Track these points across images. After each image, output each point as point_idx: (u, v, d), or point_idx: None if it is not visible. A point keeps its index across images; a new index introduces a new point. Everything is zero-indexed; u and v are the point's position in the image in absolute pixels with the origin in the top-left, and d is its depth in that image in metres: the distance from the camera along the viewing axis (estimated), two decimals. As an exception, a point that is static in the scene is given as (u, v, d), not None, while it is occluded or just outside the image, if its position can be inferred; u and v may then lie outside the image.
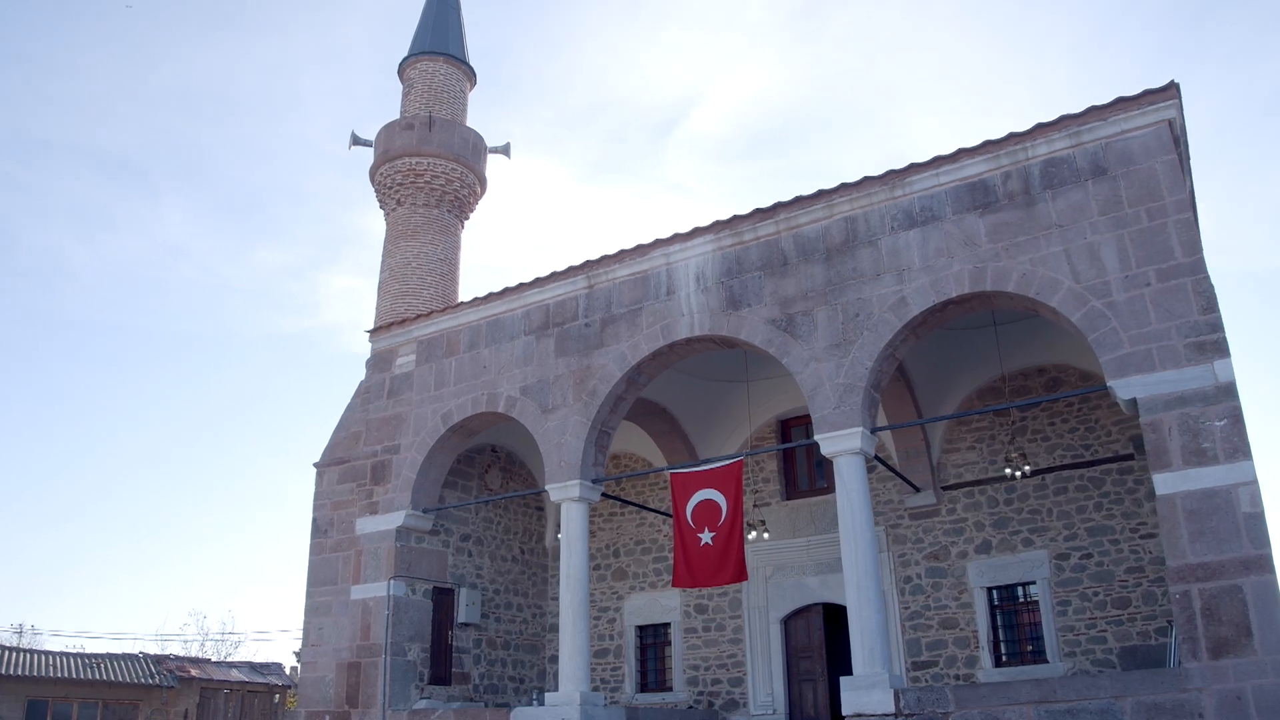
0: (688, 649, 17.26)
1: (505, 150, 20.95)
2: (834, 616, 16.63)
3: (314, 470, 17.57)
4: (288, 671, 24.84)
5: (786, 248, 13.58)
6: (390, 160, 19.53)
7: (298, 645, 38.38)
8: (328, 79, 78.11)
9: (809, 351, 12.84)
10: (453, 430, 16.04)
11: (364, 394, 17.64)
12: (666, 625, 17.65)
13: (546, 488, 14.47)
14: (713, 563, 13.01)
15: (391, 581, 15.57)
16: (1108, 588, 14.03)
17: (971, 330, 15.26)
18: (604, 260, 15.11)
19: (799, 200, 13.59)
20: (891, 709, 10.95)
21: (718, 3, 71.86)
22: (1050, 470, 14.67)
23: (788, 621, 16.46)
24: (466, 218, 20.24)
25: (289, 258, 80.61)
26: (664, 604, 17.72)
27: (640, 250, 14.76)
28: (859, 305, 12.72)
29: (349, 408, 18.11)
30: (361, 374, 17.70)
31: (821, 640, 16.04)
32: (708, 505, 13.32)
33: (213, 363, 79.89)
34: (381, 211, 20.20)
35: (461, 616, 16.73)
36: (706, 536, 13.14)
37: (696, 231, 14.35)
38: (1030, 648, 14.40)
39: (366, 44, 72.99)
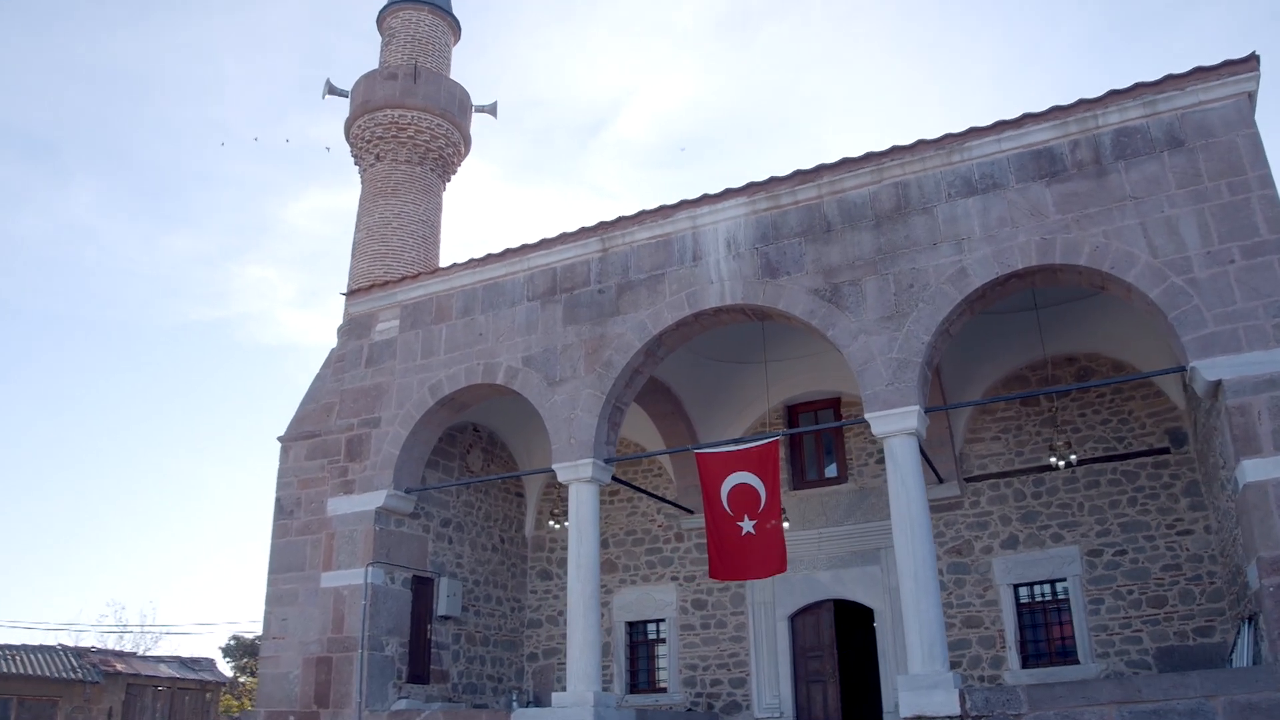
0: (684, 647, 16.11)
1: (492, 110, 19.53)
2: (845, 614, 15.75)
3: (278, 445, 15.87)
4: (220, 667, 22.90)
5: (830, 213, 12.61)
6: (370, 111, 17.92)
7: (224, 641, 35.98)
8: (250, 64, 74.68)
9: (857, 324, 11.88)
10: (442, 403, 14.59)
11: (337, 362, 16.00)
12: (660, 622, 16.46)
13: (554, 466, 13.18)
14: (755, 553, 11.94)
15: (370, 568, 14.02)
16: (1143, 586, 13.43)
17: (999, 315, 14.54)
18: (620, 222, 13.92)
19: (845, 163, 12.65)
20: (956, 710, 10.02)
21: (646, 8, 71.20)
22: (1086, 462, 14.01)
23: (795, 619, 15.46)
24: (449, 178, 18.75)
25: (201, 245, 76.66)
26: (658, 599, 16.53)
27: (663, 212, 13.61)
28: (913, 276, 11.82)
29: (318, 377, 16.45)
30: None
31: (832, 639, 15.09)
32: (744, 490, 12.22)
33: (118, 349, 75.43)
34: (357, 168, 18.55)
35: (441, 609, 15.24)
36: (748, 525, 12.03)
37: (728, 193, 13.28)
38: (1059, 648, 13.70)
39: (290, 30, 70.03)
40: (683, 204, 13.51)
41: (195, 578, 63.53)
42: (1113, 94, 11.58)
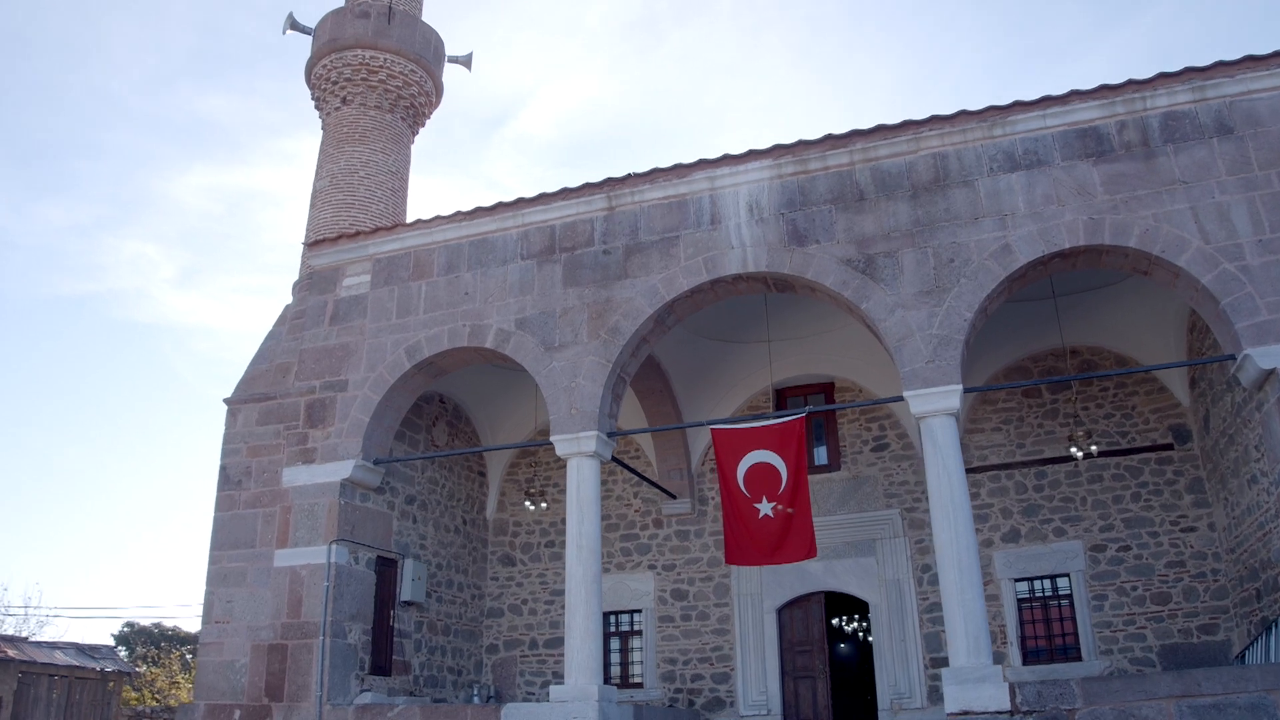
0: (662, 640, 15.18)
1: (467, 62, 18.18)
2: (835, 607, 15.13)
3: (224, 407, 14.20)
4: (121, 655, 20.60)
5: (862, 181, 11.93)
6: (338, 50, 16.36)
7: (116, 627, 32.95)
8: (137, 30, 69.98)
9: (894, 298, 11.22)
10: (419, 367, 13.26)
11: (294, 319, 14.47)
12: (636, 612, 15.48)
13: (553, 439, 12.07)
14: (774, 538, 11.11)
15: (334, 546, 12.60)
16: (1147, 582, 13.24)
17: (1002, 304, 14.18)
18: (629, 179, 12.92)
19: (880, 130, 11.99)
20: (1006, 705, 9.43)
21: (554, 6, 70.07)
22: (1089, 456, 13.70)
23: (783, 611, 14.73)
24: (419, 129, 17.34)
25: (76, 215, 71.45)
26: (634, 588, 15.55)
27: (679, 171, 12.68)
28: (954, 250, 11.25)
29: (271, 335, 14.83)
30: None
31: (822, 633, 14.43)
32: (763, 470, 11.38)
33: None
34: (318, 113, 16.95)
35: (406, 594, 13.89)
36: (766, 508, 11.20)
37: (751, 154, 12.45)
38: (1060, 645, 13.39)
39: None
40: (700, 163, 12.62)
41: (85, 561, 58.89)
42: (1162, 77, 11.27)
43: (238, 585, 12.96)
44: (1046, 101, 11.53)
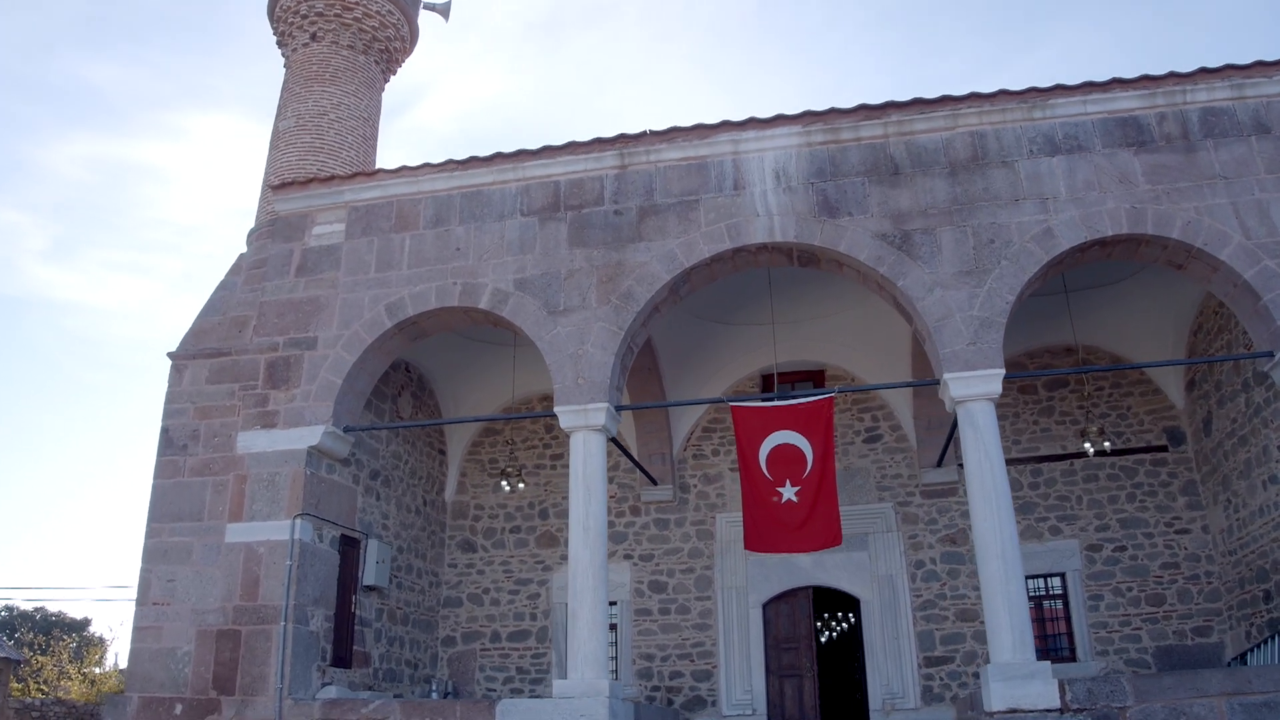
0: (639, 634, 14.28)
1: (444, 10, 16.90)
2: (824, 602, 14.54)
3: (169, 362, 12.59)
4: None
5: (897, 155, 11.38)
6: (308, -20, 14.87)
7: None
8: None
9: (933, 276, 10.69)
10: (401, 327, 12.02)
11: (252, 269, 13.00)
12: (611, 605, 14.33)
13: (556, 410, 11.05)
14: (797, 524, 10.40)
15: (298, 520, 11.22)
16: (1142, 583, 13.13)
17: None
18: (645, 137, 12.04)
19: (918, 103, 11.47)
20: (1056, 703, 8.97)
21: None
22: (1104, 453, 13.48)
23: (769, 606, 14.05)
24: (391, 75, 15.97)
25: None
26: (608, 579, 14.52)
27: (701, 131, 11.88)
28: (994, 231, 10.80)
29: (224, 285, 13.27)
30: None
31: (810, 629, 13.81)
32: (787, 451, 10.67)
33: None
34: (280, 49, 15.41)
35: (369, 578, 12.59)
36: (789, 492, 10.48)
37: (779, 119, 11.76)
38: (1053, 644, 13.14)
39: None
40: (724, 125, 11.85)
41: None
42: (1202, 71, 11.13)
43: (181, 562, 11.42)
44: (1088, 87, 11.25)
